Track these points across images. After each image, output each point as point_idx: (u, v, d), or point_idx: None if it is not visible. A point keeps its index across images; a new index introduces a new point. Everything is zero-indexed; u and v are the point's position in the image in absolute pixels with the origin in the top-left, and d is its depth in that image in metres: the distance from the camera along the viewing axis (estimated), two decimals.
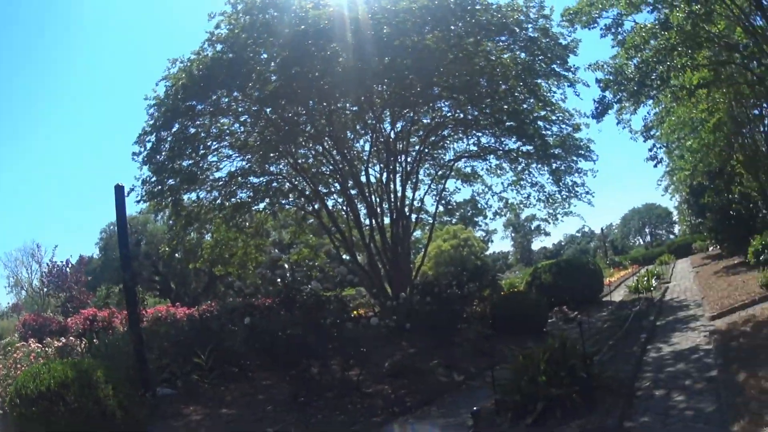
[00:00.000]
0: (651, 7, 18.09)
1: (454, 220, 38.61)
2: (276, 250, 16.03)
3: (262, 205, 26.27)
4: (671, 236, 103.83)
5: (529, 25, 20.98)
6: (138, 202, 22.37)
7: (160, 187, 21.69)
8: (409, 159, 25.57)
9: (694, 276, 30.17)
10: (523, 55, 21.81)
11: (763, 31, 16.82)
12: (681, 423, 8.02)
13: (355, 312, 15.67)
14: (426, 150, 26.42)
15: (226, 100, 21.52)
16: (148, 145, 21.48)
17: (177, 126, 21.28)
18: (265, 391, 12.32)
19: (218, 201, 24.41)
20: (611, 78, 18.92)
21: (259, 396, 11.99)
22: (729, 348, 11.15)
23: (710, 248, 45.34)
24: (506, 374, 9.72)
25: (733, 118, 26.71)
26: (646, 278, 26.17)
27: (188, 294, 48.17)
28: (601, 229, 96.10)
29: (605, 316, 20.40)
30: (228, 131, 23.10)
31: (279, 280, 12.55)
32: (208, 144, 22.66)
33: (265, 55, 19.85)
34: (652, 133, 29.47)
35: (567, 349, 9.56)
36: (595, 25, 19.42)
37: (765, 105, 27.15)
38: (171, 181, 21.83)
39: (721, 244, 31.89)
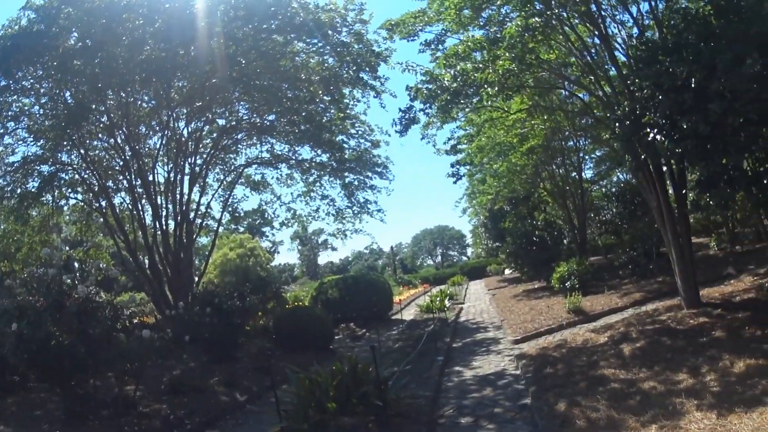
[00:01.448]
0: (480, 28, 17.87)
1: (241, 229, 38.98)
2: (62, 249, 14.03)
3: (49, 197, 24.38)
4: (464, 258, 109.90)
5: (345, 29, 20.83)
6: None
7: None
8: (199, 161, 25.07)
9: (490, 298, 31.41)
10: (331, 60, 21.74)
11: (600, 66, 17.09)
12: None
13: (139, 319, 14.58)
14: (218, 153, 26.06)
15: (31, 78, 19.91)
16: None
17: None
18: (43, 405, 11.98)
19: (9, 188, 22.64)
20: (423, 87, 18.45)
21: (37, 411, 11.65)
22: (543, 374, 11.01)
23: (507, 271, 47.66)
24: (292, 398, 9.27)
25: (547, 147, 27.79)
26: (438, 298, 26.52)
27: None
28: (391, 247, 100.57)
29: (396, 336, 20.50)
30: (28, 112, 21.32)
31: (47, 280, 11.53)
32: (6, 124, 20.92)
33: (76, 34, 18.44)
34: (457, 150, 30.51)
35: (358, 372, 9.25)
36: (416, 37, 19.13)
37: (583, 138, 28.65)
38: None
39: (521, 268, 33.17)
